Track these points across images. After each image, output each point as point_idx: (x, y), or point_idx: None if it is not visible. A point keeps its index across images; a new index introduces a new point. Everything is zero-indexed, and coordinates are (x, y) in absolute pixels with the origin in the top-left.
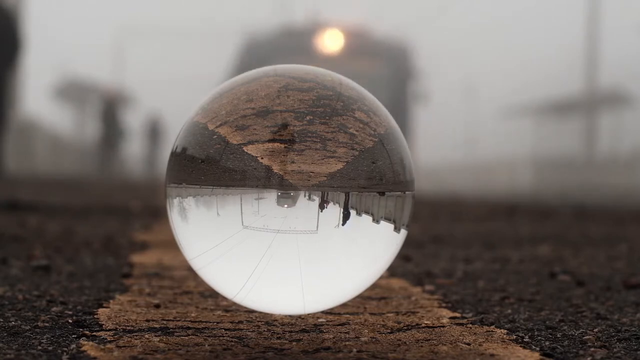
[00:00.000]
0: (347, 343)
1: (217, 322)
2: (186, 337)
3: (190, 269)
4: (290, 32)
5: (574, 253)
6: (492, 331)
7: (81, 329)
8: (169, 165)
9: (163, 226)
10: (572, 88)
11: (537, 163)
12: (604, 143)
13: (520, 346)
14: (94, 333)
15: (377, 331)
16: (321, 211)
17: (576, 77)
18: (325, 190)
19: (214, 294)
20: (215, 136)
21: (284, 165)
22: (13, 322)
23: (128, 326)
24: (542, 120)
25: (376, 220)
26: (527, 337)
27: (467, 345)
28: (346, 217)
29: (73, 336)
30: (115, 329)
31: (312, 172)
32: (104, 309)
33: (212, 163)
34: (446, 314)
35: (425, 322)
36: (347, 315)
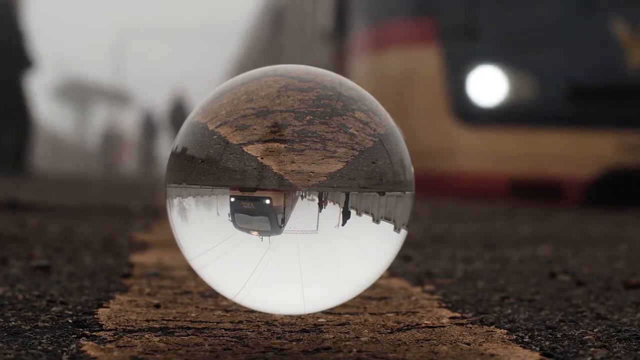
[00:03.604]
0: (347, 343)
1: (217, 322)
2: (186, 337)
3: (190, 269)
4: None
5: (574, 253)
6: (492, 331)
7: (81, 329)
8: (169, 165)
9: (163, 226)
10: None
11: None
12: None
13: (520, 346)
14: (94, 333)
15: (377, 331)
16: (321, 211)
17: None
18: (325, 190)
19: (214, 294)
20: (215, 136)
21: (283, 165)
22: (13, 322)
23: (128, 326)
24: None
25: (376, 220)
26: (527, 337)
27: (467, 345)
28: (346, 217)
29: (73, 336)
30: (115, 329)
31: (312, 172)
32: (104, 309)
33: (212, 163)
34: (446, 314)
35: (425, 322)
36: (347, 315)
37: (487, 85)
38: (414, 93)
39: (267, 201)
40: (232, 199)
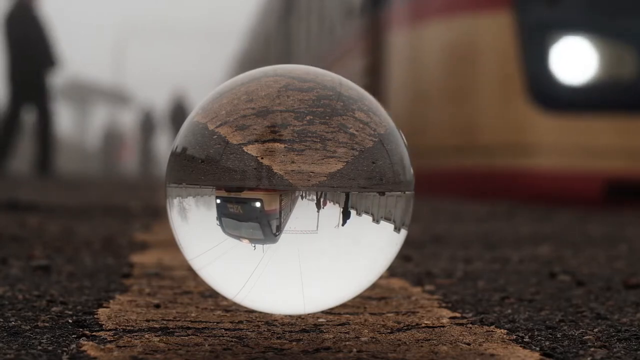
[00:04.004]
0: (347, 343)
1: (217, 322)
2: (186, 337)
3: (190, 269)
4: None
5: (574, 253)
6: (492, 331)
7: (81, 329)
8: (169, 165)
9: (163, 226)
10: None
11: None
12: None
13: (520, 346)
14: (94, 333)
15: (377, 331)
16: (321, 211)
17: None
18: (325, 190)
19: (214, 294)
20: (215, 136)
21: (284, 165)
22: (13, 322)
23: (128, 326)
24: None
25: (376, 220)
26: (527, 337)
27: (467, 345)
28: (346, 217)
29: (73, 336)
30: (115, 329)
31: (312, 172)
32: (104, 309)
33: (212, 163)
34: (446, 314)
35: (425, 322)
36: (347, 315)
37: (574, 60)
38: (477, 72)
39: (258, 204)
40: (219, 200)
